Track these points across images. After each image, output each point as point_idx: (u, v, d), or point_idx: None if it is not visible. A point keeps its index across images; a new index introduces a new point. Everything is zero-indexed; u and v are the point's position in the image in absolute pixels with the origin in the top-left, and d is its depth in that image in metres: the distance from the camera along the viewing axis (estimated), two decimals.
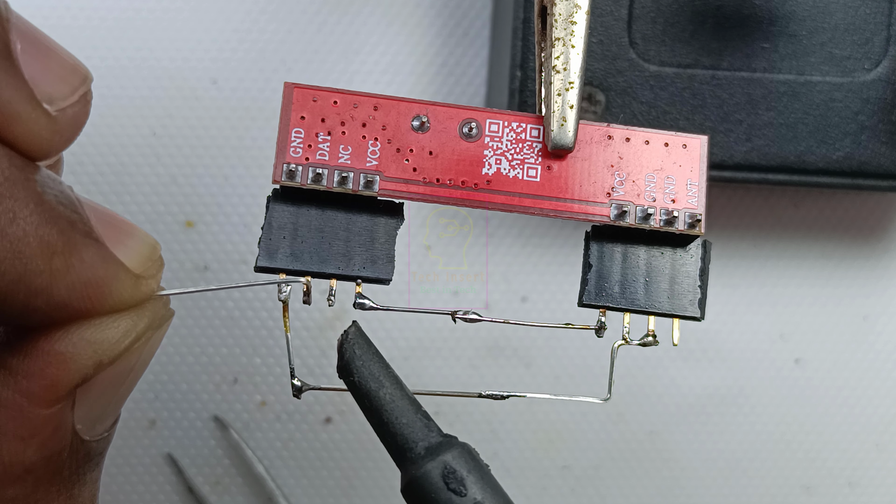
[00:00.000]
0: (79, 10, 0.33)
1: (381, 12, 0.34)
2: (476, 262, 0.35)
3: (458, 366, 0.34)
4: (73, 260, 0.17)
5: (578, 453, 0.35)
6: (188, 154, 0.34)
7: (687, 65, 0.30)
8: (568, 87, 0.20)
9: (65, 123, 0.17)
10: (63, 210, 0.17)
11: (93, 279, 0.17)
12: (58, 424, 0.18)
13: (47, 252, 0.16)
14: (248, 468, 0.34)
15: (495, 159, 0.20)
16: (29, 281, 0.16)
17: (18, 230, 0.16)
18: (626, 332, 0.21)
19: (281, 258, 0.20)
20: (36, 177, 0.17)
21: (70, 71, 0.18)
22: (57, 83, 0.17)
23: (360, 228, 0.20)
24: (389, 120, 0.20)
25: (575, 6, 0.20)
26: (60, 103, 0.17)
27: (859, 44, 0.30)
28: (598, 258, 0.21)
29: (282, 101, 0.20)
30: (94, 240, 0.17)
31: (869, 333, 0.36)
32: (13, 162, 0.16)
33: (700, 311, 0.21)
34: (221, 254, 0.34)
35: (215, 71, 0.34)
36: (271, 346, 0.34)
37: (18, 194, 0.16)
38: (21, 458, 0.17)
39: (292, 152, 0.20)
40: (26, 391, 0.17)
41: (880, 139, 0.30)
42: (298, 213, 0.20)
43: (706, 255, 0.21)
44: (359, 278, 0.20)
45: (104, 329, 0.18)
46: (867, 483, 0.36)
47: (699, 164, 0.21)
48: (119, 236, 0.18)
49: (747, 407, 0.36)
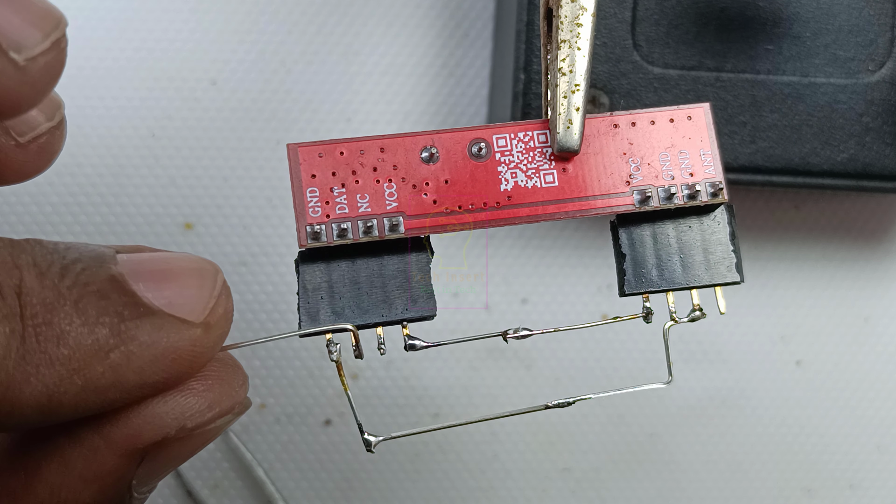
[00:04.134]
0: (77, 11, 0.33)
1: (382, 13, 0.34)
2: (476, 264, 0.35)
3: (458, 367, 0.34)
4: (131, 348, 0.16)
5: (579, 455, 0.35)
6: (187, 155, 0.33)
7: (691, 67, 0.30)
8: (574, 90, 0.20)
9: (36, 73, 0.16)
10: (108, 302, 0.16)
11: (159, 354, 0.17)
12: (121, 475, 0.18)
13: (102, 355, 0.16)
14: (248, 471, 0.33)
15: (510, 173, 0.20)
16: (94, 386, 0.16)
17: (67, 350, 0.15)
18: (673, 311, 0.21)
19: (323, 319, 0.20)
20: (70, 280, 0.16)
21: (40, 16, 0.16)
22: (25, 29, 0.16)
23: (394, 271, 0.20)
24: (398, 158, 0.20)
25: (581, 8, 0.20)
26: (30, 51, 0.16)
27: (863, 45, 0.30)
28: (629, 246, 0.21)
29: (289, 164, 0.20)
30: (147, 314, 0.17)
31: (870, 335, 0.36)
32: (44, 283, 0.16)
33: (739, 274, 0.21)
34: (221, 256, 0.34)
35: (215, 72, 0.34)
36: (271, 348, 0.34)
37: (58, 313, 0.16)
38: (76, 497, 0.17)
39: (311, 212, 0.20)
40: (107, 436, 0.17)
41: (885, 141, 0.30)
42: (330, 270, 0.20)
43: (732, 218, 0.21)
44: (404, 321, 0.20)
45: (192, 396, 0.18)
46: (868, 485, 0.36)
47: (707, 132, 0.21)
48: (174, 285, 0.17)
49: (748, 409, 0.35)
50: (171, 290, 0.17)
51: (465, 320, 0.34)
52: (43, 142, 0.17)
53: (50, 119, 0.18)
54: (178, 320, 0.17)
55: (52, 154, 0.17)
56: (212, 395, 0.18)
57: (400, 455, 0.34)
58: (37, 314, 0.15)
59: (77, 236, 0.33)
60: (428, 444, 0.34)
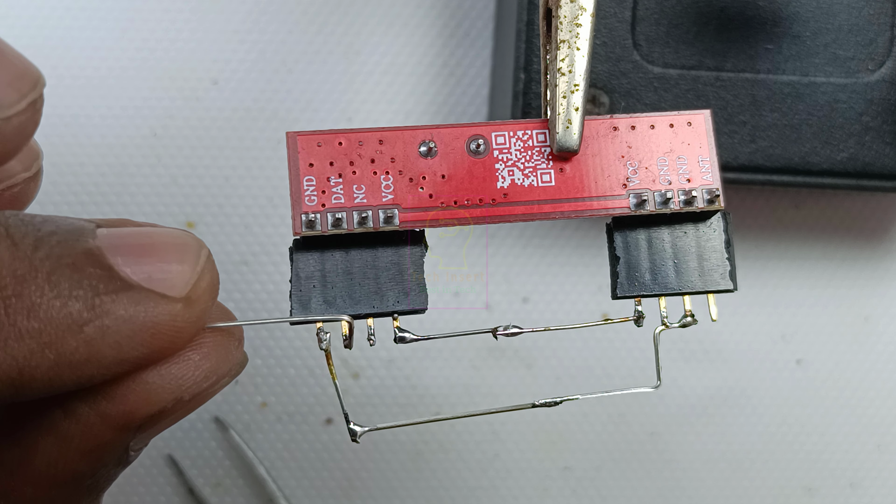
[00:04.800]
0: (79, 11, 0.33)
1: (382, 13, 0.34)
2: (477, 263, 0.35)
3: (458, 367, 0.34)
4: (106, 322, 0.16)
5: (580, 454, 0.35)
6: (189, 155, 0.34)
7: (691, 66, 0.30)
8: (573, 90, 0.20)
9: (9, 133, 0.16)
10: (82, 276, 0.16)
11: (137, 328, 0.16)
12: (118, 444, 0.17)
13: (75, 328, 0.15)
14: (249, 469, 0.33)
15: (508, 171, 0.20)
16: (67, 361, 0.15)
17: (38, 322, 0.15)
18: (665, 316, 0.21)
19: (315, 307, 0.20)
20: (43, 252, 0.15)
21: (18, 76, 0.16)
22: (2, 89, 0.16)
23: (387, 263, 0.20)
24: (396, 151, 0.20)
25: (580, 9, 0.20)
26: (5, 111, 0.16)
27: (863, 44, 0.30)
28: (623, 249, 0.21)
29: (287, 152, 0.20)
30: (124, 288, 0.16)
31: (871, 334, 0.36)
32: (16, 254, 0.15)
33: (732, 282, 0.21)
34: (222, 254, 0.34)
35: (216, 72, 0.34)
36: (272, 347, 0.34)
37: (29, 285, 0.15)
38: (73, 467, 0.17)
39: (307, 201, 0.20)
40: (104, 413, 0.17)
41: (884, 140, 0.30)
42: (323, 260, 0.20)
43: (728, 225, 0.21)
44: (395, 313, 0.20)
45: (188, 367, 0.17)
46: (869, 484, 0.36)
47: (706, 138, 0.21)
48: (154, 260, 0.17)
49: (749, 408, 0.36)
50: (150, 264, 0.17)
51: (465, 319, 0.34)
52: (17, 191, 0.17)
53: (27, 169, 0.18)
54: (158, 295, 0.16)
55: (23, 204, 0.17)
56: (208, 364, 0.18)
57: (401, 454, 0.34)
58: (6, 286, 0.15)
59: None
60: (429, 444, 0.34)
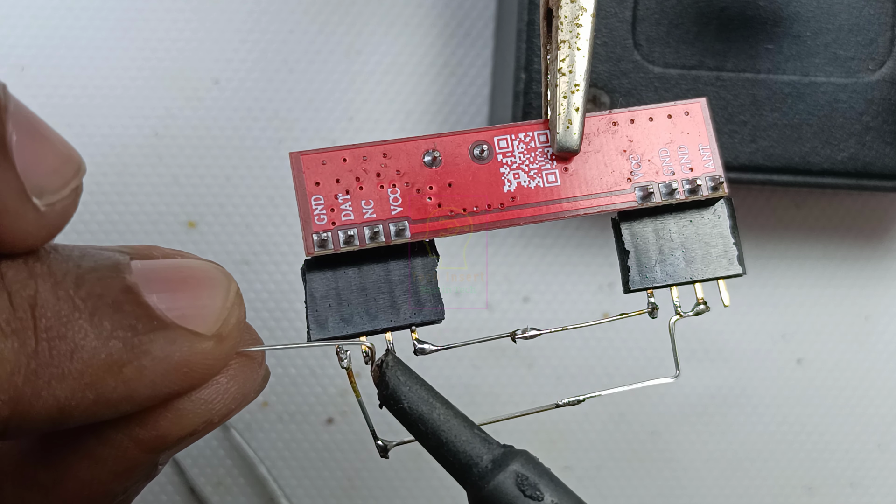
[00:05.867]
0: (81, 11, 0.33)
1: (383, 13, 0.34)
2: (477, 263, 0.35)
3: (459, 366, 0.34)
4: (144, 362, 0.16)
5: (580, 454, 0.35)
6: (190, 154, 0.34)
7: (691, 66, 0.30)
8: (574, 90, 0.20)
9: (52, 217, 0.16)
10: (122, 315, 0.16)
11: (172, 367, 0.17)
12: (149, 465, 0.18)
13: (115, 369, 0.16)
14: (250, 469, 0.34)
15: (513, 174, 0.21)
16: (105, 399, 0.16)
17: (80, 364, 0.16)
18: (678, 306, 0.21)
19: (332, 326, 0.20)
20: (85, 291, 0.16)
21: (63, 162, 0.17)
22: (49, 176, 0.16)
23: (400, 276, 0.20)
24: (401, 163, 0.20)
25: (580, 9, 0.20)
26: (51, 197, 0.16)
27: (863, 44, 0.30)
28: (632, 242, 0.21)
29: (292, 173, 0.20)
30: (160, 327, 0.17)
31: (871, 334, 0.36)
32: (59, 294, 0.16)
33: (741, 266, 0.22)
34: (223, 254, 0.34)
35: (217, 71, 0.34)
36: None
37: (73, 326, 0.16)
38: (106, 487, 0.18)
39: (317, 220, 0.20)
40: (136, 438, 0.17)
41: (885, 140, 0.30)
42: (337, 278, 0.20)
43: (732, 211, 0.21)
44: (412, 325, 0.20)
45: (216, 391, 0.18)
46: (869, 483, 0.36)
47: (705, 126, 0.21)
48: (187, 296, 0.17)
49: (749, 407, 0.36)
50: (184, 300, 0.17)
51: (466, 319, 0.34)
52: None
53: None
54: (191, 333, 0.17)
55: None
56: (235, 388, 0.18)
57: (402, 453, 0.34)
58: (51, 327, 0.15)
59: (81, 235, 0.33)
60: None
